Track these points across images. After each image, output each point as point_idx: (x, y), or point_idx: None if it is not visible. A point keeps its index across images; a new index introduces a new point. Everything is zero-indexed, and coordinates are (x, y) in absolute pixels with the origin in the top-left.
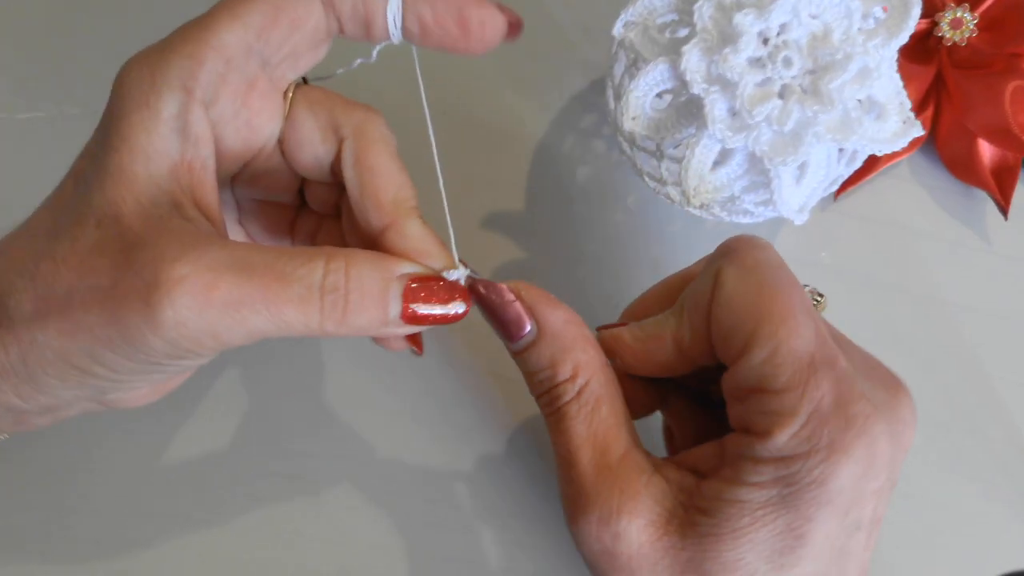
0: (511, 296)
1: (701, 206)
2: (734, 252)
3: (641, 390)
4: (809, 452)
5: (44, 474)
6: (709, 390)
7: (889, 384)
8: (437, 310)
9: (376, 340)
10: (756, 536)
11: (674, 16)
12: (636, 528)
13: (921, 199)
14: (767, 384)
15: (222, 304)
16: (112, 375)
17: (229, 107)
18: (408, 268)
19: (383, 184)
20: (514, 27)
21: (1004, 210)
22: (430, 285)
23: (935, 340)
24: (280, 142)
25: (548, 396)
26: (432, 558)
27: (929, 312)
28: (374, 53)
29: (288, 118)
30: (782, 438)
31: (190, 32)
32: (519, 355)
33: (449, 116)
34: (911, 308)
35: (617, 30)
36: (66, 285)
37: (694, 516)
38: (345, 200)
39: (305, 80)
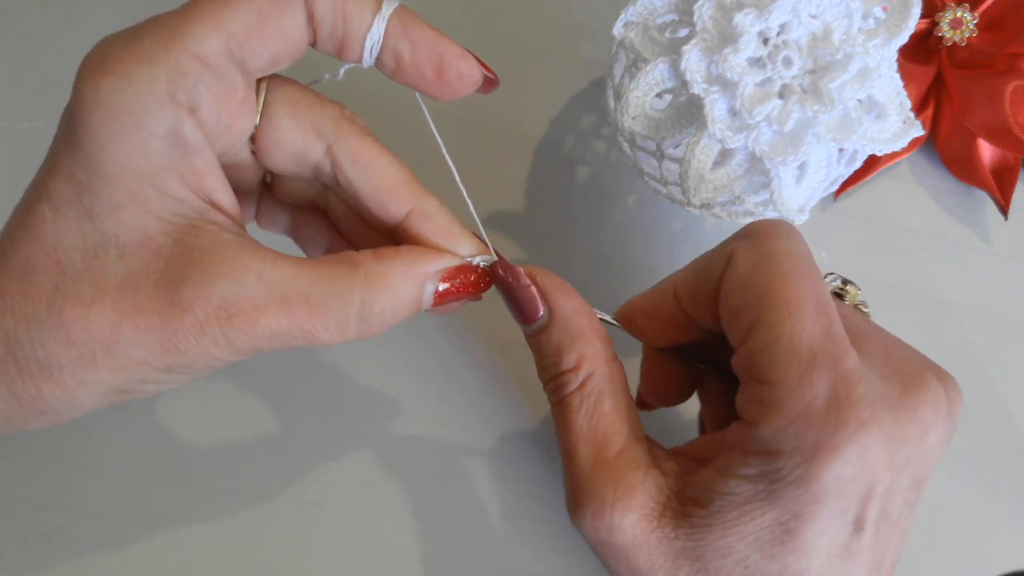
0: (527, 280)
1: (701, 206)
2: (754, 235)
3: (674, 372)
4: (793, 450)
5: (44, 474)
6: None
7: (909, 381)
8: (464, 296)
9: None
10: (745, 528)
11: (674, 16)
12: (629, 522)
13: (921, 199)
14: (762, 373)
15: (267, 335)
16: (158, 388)
17: (211, 113)
18: (438, 266)
19: (391, 174)
20: (489, 83)
21: (1004, 210)
22: (460, 277)
23: (935, 340)
24: (252, 138)
25: (553, 384)
26: (437, 559)
27: (929, 312)
28: (341, 72)
29: (264, 116)
30: (767, 430)
31: (170, 36)
32: (531, 339)
33: (449, 116)
34: (911, 308)
35: (617, 30)
36: (107, 327)
37: (687, 507)
38: (335, 195)
39: None
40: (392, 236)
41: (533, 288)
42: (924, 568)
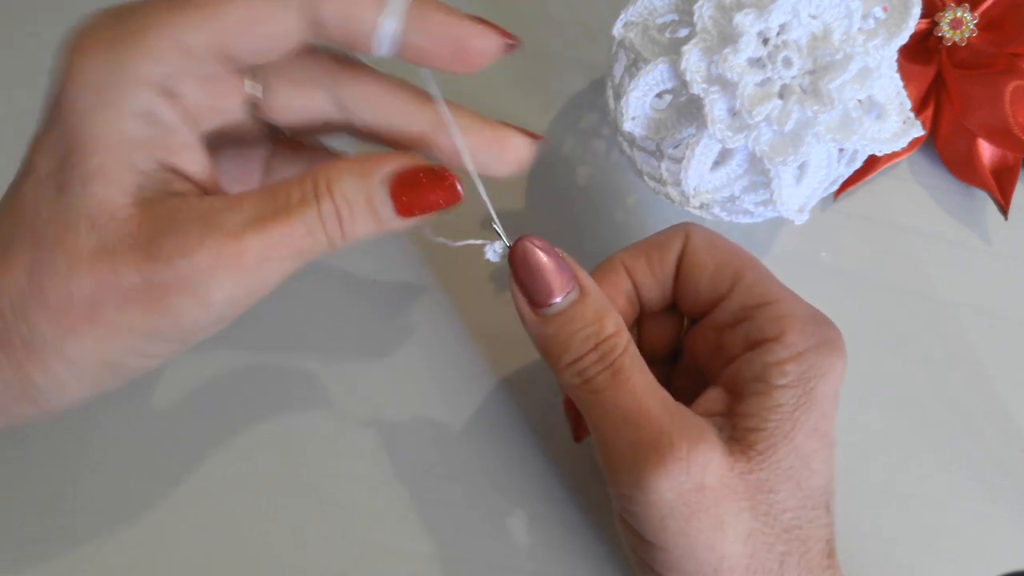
0: (558, 253)
1: (701, 206)
2: (695, 225)
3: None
4: (817, 344)
5: (44, 474)
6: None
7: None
8: (433, 197)
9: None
10: (796, 440)
11: (674, 16)
12: (716, 460)
13: (921, 199)
14: (767, 297)
15: (254, 265)
16: (150, 360)
17: (193, 97)
18: (387, 168)
19: (403, 100)
20: (510, 48)
21: (1004, 210)
22: (415, 178)
23: (935, 340)
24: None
25: (598, 351)
26: (437, 559)
27: (929, 312)
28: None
29: (267, 89)
30: (793, 334)
31: (157, 21)
32: (558, 319)
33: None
34: (911, 308)
35: (617, 30)
36: (86, 294)
37: (746, 436)
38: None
39: None
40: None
41: (568, 261)
42: (924, 568)
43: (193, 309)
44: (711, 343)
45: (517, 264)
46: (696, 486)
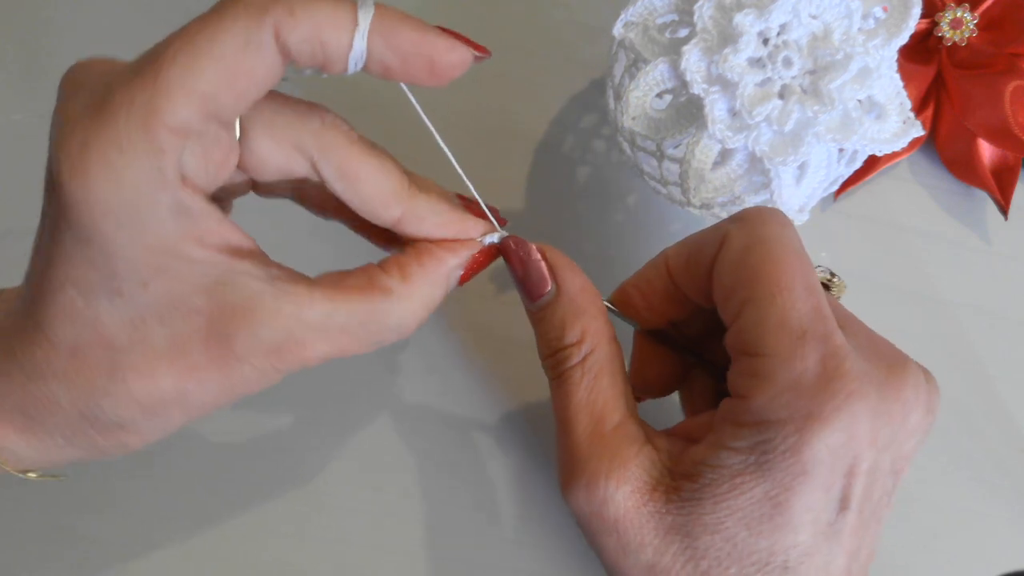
0: (537, 255)
1: (701, 206)
2: (746, 220)
3: (664, 363)
4: (786, 419)
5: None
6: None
7: (893, 364)
8: (480, 270)
9: None
10: (735, 503)
11: (674, 16)
12: (622, 495)
13: (921, 199)
14: (754, 347)
15: (315, 360)
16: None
17: (201, 172)
18: (457, 261)
19: (376, 184)
20: (479, 59)
21: (1004, 210)
22: (473, 262)
23: (935, 340)
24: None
25: (555, 358)
26: (436, 559)
27: (929, 312)
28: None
29: (243, 139)
30: (760, 400)
31: (144, 116)
32: (535, 315)
33: (447, 116)
34: (911, 308)
35: (617, 30)
36: (171, 388)
37: (679, 481)
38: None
39: None
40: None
41: (543, 263)
42: (924, 568)
43: (263, 386)
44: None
45: (507, 258)
46: (593, 513)
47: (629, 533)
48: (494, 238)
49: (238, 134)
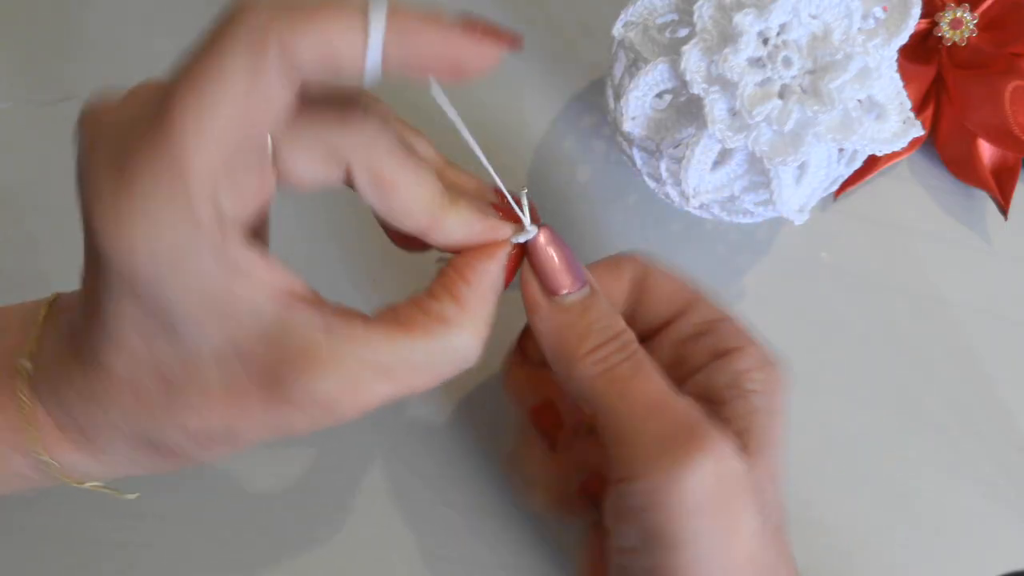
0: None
1: (701, 206)
2: (646, 256)
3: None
4: (771, 361)
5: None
6: None
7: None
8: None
9: None
10: (775, 442)
11: (674, 16)
12: (736, 454)
13: (921, 199)
14: (725, 313)
15: (376, 404)
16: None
17: (237, 208)
18: (498, 266)
19: (409, 195)
20: (513, 45)
21: (1004, 210)
22: (511, 262)
23: (935, 340)
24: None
25: (619, 340)
26: (436, 559)
27: (929, 312)
28: None
29: (276, 159)
30: (755, 347)
31: (163, 165)
32: (572, 306)
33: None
34: (911, 308)
35: (617, 30)
36: (221, 425)
37: (740, 437)
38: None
39: None
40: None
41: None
42: (924, 568)
43: (319, 428)
44: (669, 357)
45: (541, 248)
46: (723, 477)
47: (744, 495)
48: (529, 234)
49: (271, 154)
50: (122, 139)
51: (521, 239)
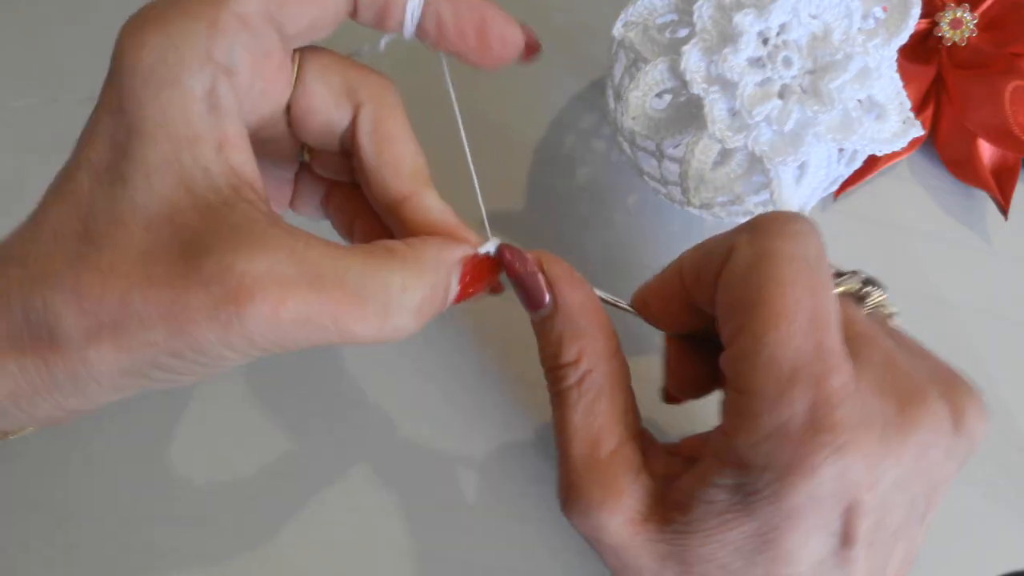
0: (534, 267)
1: (701, 206)
2: (758, 231)
3: (697, 365)
4: (765, 466)
5: (44, 478)
6: None
7: (908, 401)
8: (482, 286)
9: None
10: (725, 537)
11: (674, 16)
12: (616, 524)
13: (921, 199)
14: (742, 383)
15: (291, 322)
16: (171, 377)
17: (247, 77)
18: (460, 253)
19: (402, 152)
20: (531, 49)
21: (1004, 210)
22: (478, 266)
23: (935, 340)
24: (287, 108)
25: (552, 375)
26: (436, 559)
27: (929, 312)
28: (382, 43)
29: (298, 83)
30: (741, 443)
31: None
32: (536, 325)
33: (448, 115)
34: (911, 308)
35: (617, 30)
36: (117, 299)
37: (671, 512)
38: (359, 168)
39: None
40: (392, 218)
41: (539, 276)
42: (924, 568)
43: (213, 341)
44: None
45: (504, 268)
46: (589, 537)
47: (627, 557)
48: (489, 247)
49: (295, 73)
50: None
51: (482, 250)
